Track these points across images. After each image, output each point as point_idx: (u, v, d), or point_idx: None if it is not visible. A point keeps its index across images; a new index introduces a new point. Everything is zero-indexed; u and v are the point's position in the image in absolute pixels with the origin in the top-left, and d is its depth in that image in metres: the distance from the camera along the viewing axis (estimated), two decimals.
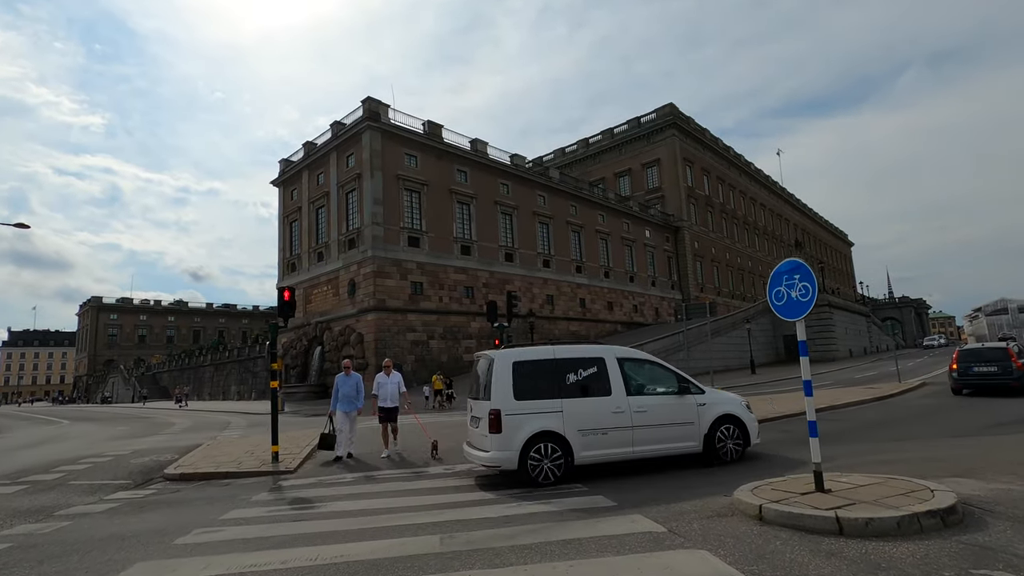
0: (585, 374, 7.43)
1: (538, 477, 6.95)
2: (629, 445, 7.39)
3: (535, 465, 6.96)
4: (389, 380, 10.49)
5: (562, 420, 7.10)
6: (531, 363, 7.36)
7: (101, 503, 7.46)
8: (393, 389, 10.42)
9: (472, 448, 7.66)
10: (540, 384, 7.23)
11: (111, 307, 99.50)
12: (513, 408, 7.03)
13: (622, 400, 7.42)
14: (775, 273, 5.66)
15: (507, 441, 6.92)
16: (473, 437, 7.72)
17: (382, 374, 10.58)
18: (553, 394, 7.21)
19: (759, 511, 4.86)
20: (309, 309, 43.46)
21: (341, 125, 41.49)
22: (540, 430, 7.00)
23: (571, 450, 7.10)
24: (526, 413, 7.04)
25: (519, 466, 6.92)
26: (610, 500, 5.98)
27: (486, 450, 7.10)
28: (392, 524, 5.48)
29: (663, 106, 67.85)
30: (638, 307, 58.78)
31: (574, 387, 7.32)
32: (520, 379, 7.17)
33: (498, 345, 18.36)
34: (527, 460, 6.94)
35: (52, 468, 10.78)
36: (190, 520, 6.17)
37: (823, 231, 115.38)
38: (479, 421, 7.40)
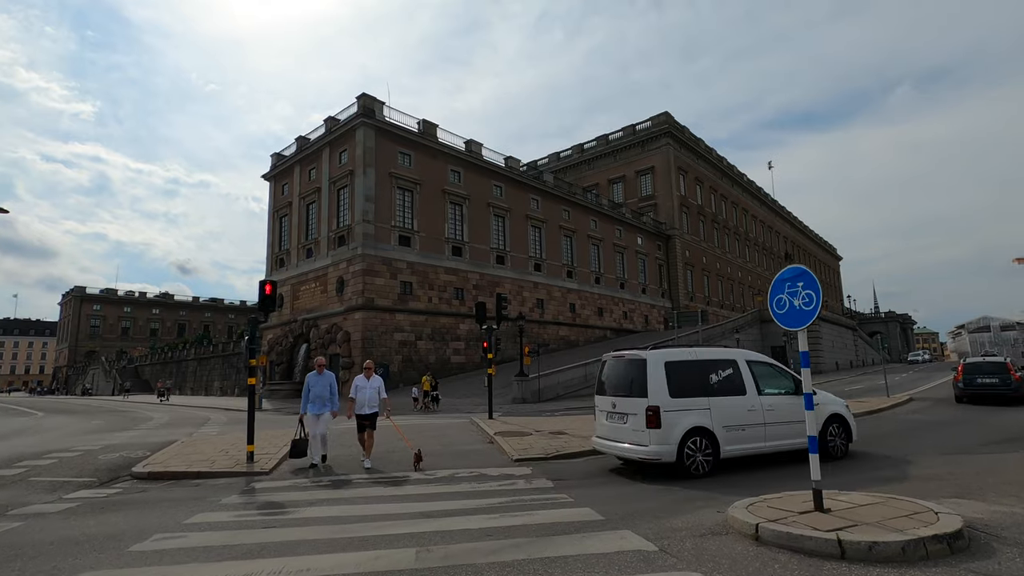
0: (723, 374, 8.11)
1: (691, 468, 7.54)
2: (762, 440, 8.14)
3: (690, 457, 7.54)
4: (368, 384, 9.35)
5: (710, 417, 7.72)
6: (679, 363, 8.00)
7: (59, 502, 7.04)
8: (372, 394, 9.29)
9: (610, 440, 8.23)
10: (687, 383, 7.83)
11: (94, 298, 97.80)
12: (670, 405, 7.58)
13: (755, 399, 8.12)
14: (777, 280, 5.42)
15: (666, 435, 7.47)
16: (612, 431, 8.21)
17: (361, 376, 9.44)
18: (700, 392, 7.83)
19: (755, 530, 4.59)
20: (296, 306, 42.87)
21: (335, 120, 41.03)
22: (693, 425, 7.59)
23: (718, 444, 7.74)
24: (680, 410, 7.60)
25: (676, 459, 7.46)
26: (597, 513, 5.69)
27: (643, 444, 7.58)
28: (367, 534, 5.15)
29: (658, 114, 68.05)
30: (628, 314, 58.71)
31: (717, 386, 7.97)
32: (672, 378, 7.74)
33: (486, 348, 18.04)
34: (683, 453, 7.49)
35: (15, 463, 10.29)
36: (152, 524, 5.80)
37: (813, 244, 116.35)
38: (626, 417, 7.92)
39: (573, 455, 9.83)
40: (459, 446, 11.36)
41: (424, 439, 12.27)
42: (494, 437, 11.79)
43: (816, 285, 5.12)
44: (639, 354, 8.17)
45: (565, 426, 13.55)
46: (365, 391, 9.28)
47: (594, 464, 9.10)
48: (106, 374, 75.20)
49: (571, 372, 29.21)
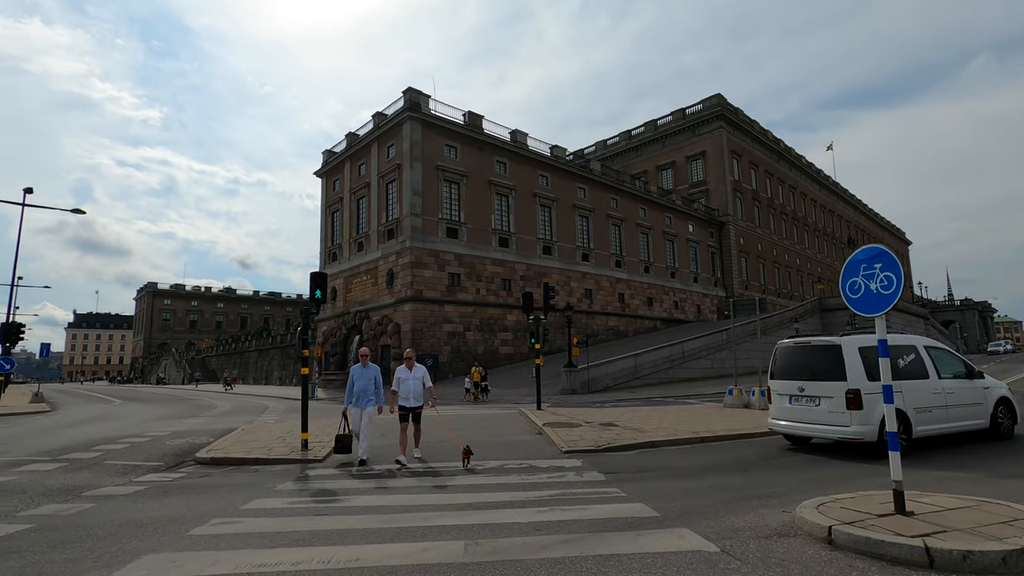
0: (908, 359, 8.53)
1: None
2: (944, 422, 8.54)
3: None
4: (411, 375, 8.86)
5: (903, 399, 7.95)
6: (871, 348, 7.96)
7: (129, 485, 7.39)
8: (416, 385, 8.83)
9: (796, 422, 8.70)
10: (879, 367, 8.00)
11: (165, 292, 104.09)
12: (868, 388, 7.90)
13: (936, 383, 8.58)
14: (851, 262, 4.97)
15: (867, 416, 7.84)
16: (799, 414, 8.67)
17: (403, 367, 8.94)
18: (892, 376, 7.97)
19: (828, 533, 4.22)
20: (349, 298, 44.05)
21: (383, 116, 41.66)
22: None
23: (911, 425, 8.07)
24: (876, 392, 7.70)
25: (878, 439, 7.72)
26: (652, 509, 5.43)
27: (843, 425, 8.04)
28: (415, 525, 5.10)
29: (710, 97, 65.63)
30: (679, 303, 57.21)
31: (904, 371, 8.31)
32: (866, 362, 8.05)
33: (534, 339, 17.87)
34: (882, 433, 7.66)
35: (92, 447, 10.96)
36: (211, 508, 5.96)
37: (878, 228, 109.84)
38: (818, 399, 8.43)
39: (624, 448, 9.55)
40: (508, 437, 11.27)
41: (473, 430, 12.27)
42: (543, 428, 11.64)
43: (897, 266, 4.65)
44: (831, 340, 8.63)
45: (615, 418, 13.25)
46: (408, 383, 8.82)
47: (646, 457, 8.80)
48: (176, 364, 79.91)
49: (620, 363, 28.69)
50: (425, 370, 9.11)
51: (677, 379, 31.51)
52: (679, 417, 13.10)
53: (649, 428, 11.23)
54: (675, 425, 11.61)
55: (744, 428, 11.03)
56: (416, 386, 8.84)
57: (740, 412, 13.86)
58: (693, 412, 14.23)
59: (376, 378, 8.96)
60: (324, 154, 49.72)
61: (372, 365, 9.03)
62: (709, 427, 11.22)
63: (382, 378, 9.18)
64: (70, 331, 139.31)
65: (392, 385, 8.96)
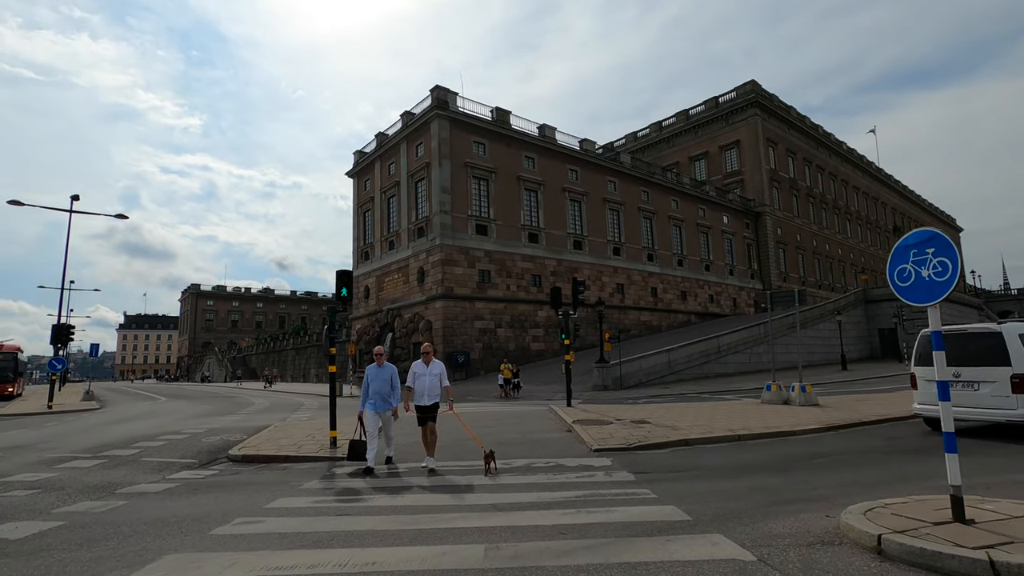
0: None
1: None
2: None
3: None
4: (428, 371, 8.11)
5: None
6: None
7: (162, 482, 7.51)
8: (432, 382, 8.08)
9: (954, 408, 9.22)
10: None
11: (208, 294, 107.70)
12: None
13: None
14: (899, 247, 4.58)
15: None
16: (957, 399, 8.61)
17: (419, 363, 8.20)
18: None
19: (877, 543, 3.89)
20: (381, 296, 44.57)
21: (411, 115, 41.91)
22: None
23: None
24: None
25: None
26: (684, 512, 5.16)
27: (1010, 408, 8.43)
28: (435, 527, 4.96)
29: (744, 84, 63.74)
30: (714, 297, 55.89)
31: None
32: None
33: (564, 335, 17.60)
34: None
35: (132, 444, 11.28)
36: (237, 507, 5.97)
37: (926, 215, 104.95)
38: (977, 384, 8.82)
39: (656, 446, 9.24)
40: (536, 434, 11.08)
41: (500, 427, 12.13)
42: (572, 426, 11.40)
43: (952, 250, 4.25)
44: (989, 327, 9.07)
45: (647, 415, 12.90)
46: (424, 379, 8.10)
47: (679, 456, 8.47)
48: (219, 363, 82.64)
49: (653, 358, 28.13)
50: (443, 367, 8.32)
51: (712, 375, 30.73)
52: (714, 414, 12.66)
53: (683, 426, 10.87)
54: (710, 422, 11.20)
55: (783, 426, 10.55)
56: (433, 383, 8.10)
57: (779, 409, 13.32)
58: (729, 409, 13.74)
59: (393, 378, 8.32)
60: (355, 155, 50.40)
61: (388, 365, 8.39)
62: (746, 425, 10.78)
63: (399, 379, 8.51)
64: (121, 332, 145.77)
65: (407, 380, 8.21)
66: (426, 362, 8.22)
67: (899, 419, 11.26)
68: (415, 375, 8.13)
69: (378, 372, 8.26)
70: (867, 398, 15.54)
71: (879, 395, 16.59)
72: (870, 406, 13.16)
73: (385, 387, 8.23)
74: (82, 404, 24.82)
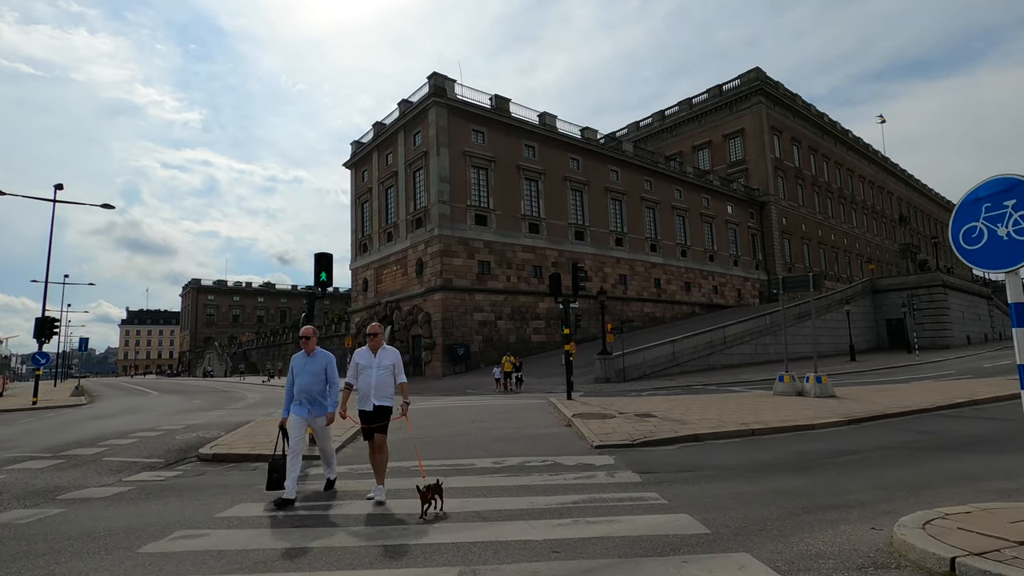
0: None
1: None
2: None
3: None
4: (376, 362, 5.67)
5: None
6: None
7: (115, 486, 6.77)
8: (382, 377, 5.63)
9: None
10: None
11: (208, 289, 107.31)
12: None
13: None
14: (967, 201, 3.75)
15: None
16: None
17: (363, 351, 5.81)
18: None
19: (951, 568, 3.09)
20: (380, 289, 43.81)
21: (408, 103, 40.96)
22: None
23: None
24: None
25: None
26: (700, 523, 4.37)
27: None
28: (405, 542, 4.19)
29: (748, 71, 62.55)
30: (718, 288, 54.99)
31: None
32: None
33: (564, 324, 16.80)
34: None
35: (100, 442, 10.54)
36: (185, 515, 5.22)
37: (932, 204, 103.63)
38: None
39: (663, 442, 8.46)
40: (532, 429, 10.30)
41: (495, 421, 11.36)
42: (572, 420, 10.63)
43: None
44: None
45: (653, 407, 12.11)
46: (370, 373, 5.64)
47: (689, 453, 7.68)
48: (219, 358, 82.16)
49: (657, 350, 27.34)
50: (397, 356, 5.86)
51: (718, 366, 29.95)
52: (724, 407, 11.86)
53: (691, 419, 10.07)
54: (720, 416, 10.41)
55: (800, 419, 9.75)
56: (383, 378, 5.64)
57: (794, 401, 12.51)
58: (739, 401, 12.95)
59: (328, 371, 6.00)
60: (352, 145, 49.51)
61: (321, 353, 6.03)
62: (759, 418, 9.98)
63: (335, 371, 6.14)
64: (123, 327, 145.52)
65: (347, 375, 5.94)
66: (373, 348, 5.73)
67: (925, 411, 10.45)
68: (358, 367, 5.76)
69: (307, 363, 5.92)
70: (885, 389, 14.72)
71: (896, 386, 15.76)
72: (891, 397, 12.34)
73: (316, 383, 5.90)
74: (70, 400, 24.17)
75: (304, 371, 5.92)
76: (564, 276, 23.44)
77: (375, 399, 5.63)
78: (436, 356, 35.49)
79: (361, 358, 5.80)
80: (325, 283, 9.11)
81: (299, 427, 5.88)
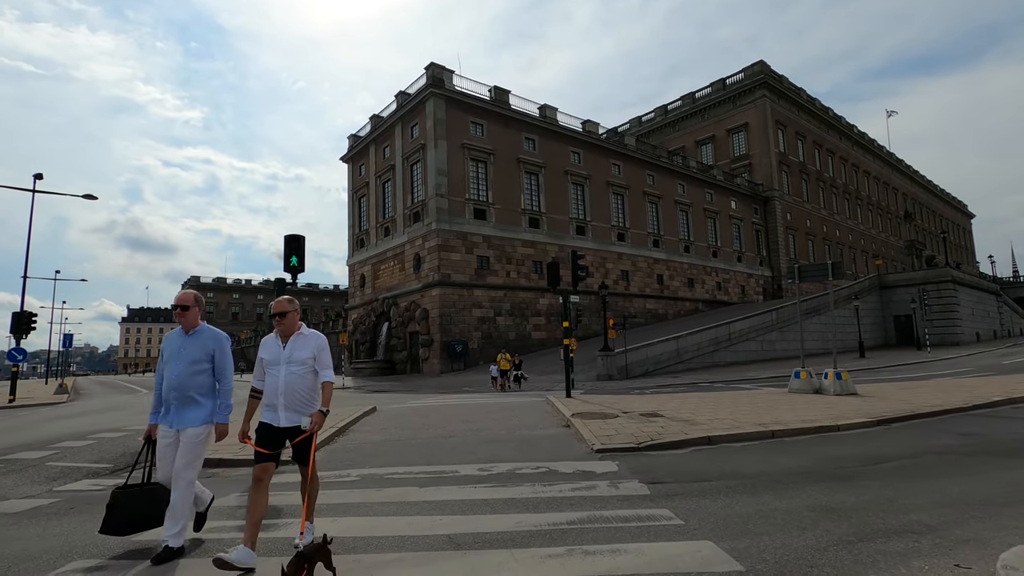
0: None
1: None
2: None
3: None
4: (287, 353, 3.83)
5: None
6: None
7: (40, 497, 5.86)
8: (295, 377, 3.77)
9: None
10: None
11: (208, 286, 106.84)
12: None
13: None
14: None
15: None
16: None
17: (271, 338, 3.97)
18: None
19: None
20: (377, 284, 42.91)
21: (406, 95, 40.02)
22: None
23: None
24: None
25: None
26: (727, 554, 3.45)
27: None
28: None
29: (752, 64, 61.44)
30: (722, 284, 53.99)
31: None
32: None
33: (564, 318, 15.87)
34: None
35: (52, 443, 9.63)
36: (95, 540, 4.29)
37: (938, 201, 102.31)
38: None
39: (672, 445, 7.52)
40: (527, 430, 9.37)
41: (486, 421, 10.43)
42: (571, 420, 9.69)
43: None
44: None
45: (659, 406, 11.18)
46: (277, 371, 3.79)
47: (703, 459, 6.74)
48: None
49: (661, 346, 26.41)
50: (320, 343, 3.93)
51: (723, 363, 29.01)
52: (737, 405, 10.92)
53: (702, 419, 9.14)
54: (734, 415, 9.47)
55: (822, 419, 8.81)
56: (295, 379, 3.76)
57: (812, 399, 11.57)
58: (752, 399, 12.01)
59: (217, 357, 4.12)
60: (349, 139, 48.58)
61: (210, 332, 4.16)
62: (778, 418, 9.04)
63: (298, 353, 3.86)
64: (123, 325, 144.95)
65: (255, 373, 4.00)
66: (282, 335, 3.89)
67: (960, 410, 9.50)
68: (264, 363, 3.88)
69: (183, 345, 4.03)
70: (907, 386, 13.76)
71: (919, 383, 14.80)
72: (917, 395, 11.39)
73: (195, 376, 3.98)
74: (52, 398, 23.32)
75: (179, 356, 3.94)
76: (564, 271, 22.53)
77: (285, 413, 3.72)
78: (434, 353, 34.59)
79: (266, 350, 3.89)
80: (296, 268, 8.18)
81: (169, 449, 3.92)
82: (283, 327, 3.90)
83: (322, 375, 3.87)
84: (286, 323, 3.90)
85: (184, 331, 4.12)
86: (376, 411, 12.91)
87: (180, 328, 4.14)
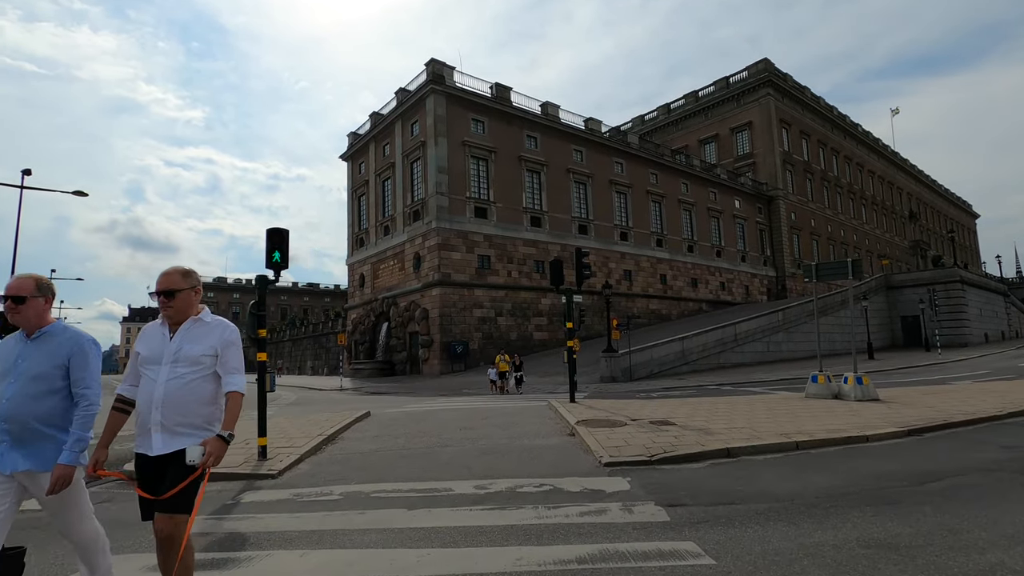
0: None
1: None
2: None
3: None
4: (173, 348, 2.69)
5: None
6: None
7: None
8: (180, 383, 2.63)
9: None
10: None
11: (208, 286, 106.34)
12: None
13: None
14: None
15: None
16: None
17: (152, 326, 2.83)
18: None
19: None
20: (377, 284, 42.32)
21: (406, 92, 39.41)
22: None
23: None
24: None
25: None
26: None
27: None
28: None
29: (756, 63, 60.78)
30: (726, 284, 53.32)
31: None
32: None
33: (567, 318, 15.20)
34: None
35: None
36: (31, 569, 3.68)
37: (943, 201, 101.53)
38: None
39: (688, 458, 6.86)
40: (529, 439, 8.72)
41: (485, 429, 9.79)
42: (575, 428, 9.05)
43: None
44: None
45: (669, 412, 10.53)
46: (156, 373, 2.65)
47: (724, 474, 6.09)
48: None
49: (666, 347, 25.77)
50: (229, 335, 2.84)
51: (729, 364, 28.37)
52: (753, 411, 10.27)
53: (718, 428, 8.49)
54: (752, 423, 8.82)
55: (848, 429, 8.16)
56: (182, 387, 2.64)
57: (832, 405, 10.90)
58: (768, 405, 11.35)
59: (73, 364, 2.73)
60: (349, 137, 48.02)
61: (63, 331, 2.79)
62: (800, 427, 8.39)
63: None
64: (124, 325, 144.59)
65: (123, 378, 2.85)
66: (171, 321, 2.79)
67: (995, 419, 8.83)
68: (141, 359, 2.74)
69: (22, 352, 2.72)
70: (931, 391, 13.10)
71: (941, 388, 14.13)
72: (944, 401, 10.73)
73: (38, 397, 2.66)
74: None
75: (14, 370, 2.67)
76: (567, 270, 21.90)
77: (161, 435, 2.60)
78: (434, 354, 33.98)
79: (144, 342, 2.77)
80: (279, 264, 7.57)
81: (8, 497, 2.61)
82: (171, 311, 2.73)
83: (227, 381, 2.71)
84: (176, 305, 2.73)
85: (26, 333, 2.75)
86: (370, 416, 12.29)
87: (20, 332, 2.78)
